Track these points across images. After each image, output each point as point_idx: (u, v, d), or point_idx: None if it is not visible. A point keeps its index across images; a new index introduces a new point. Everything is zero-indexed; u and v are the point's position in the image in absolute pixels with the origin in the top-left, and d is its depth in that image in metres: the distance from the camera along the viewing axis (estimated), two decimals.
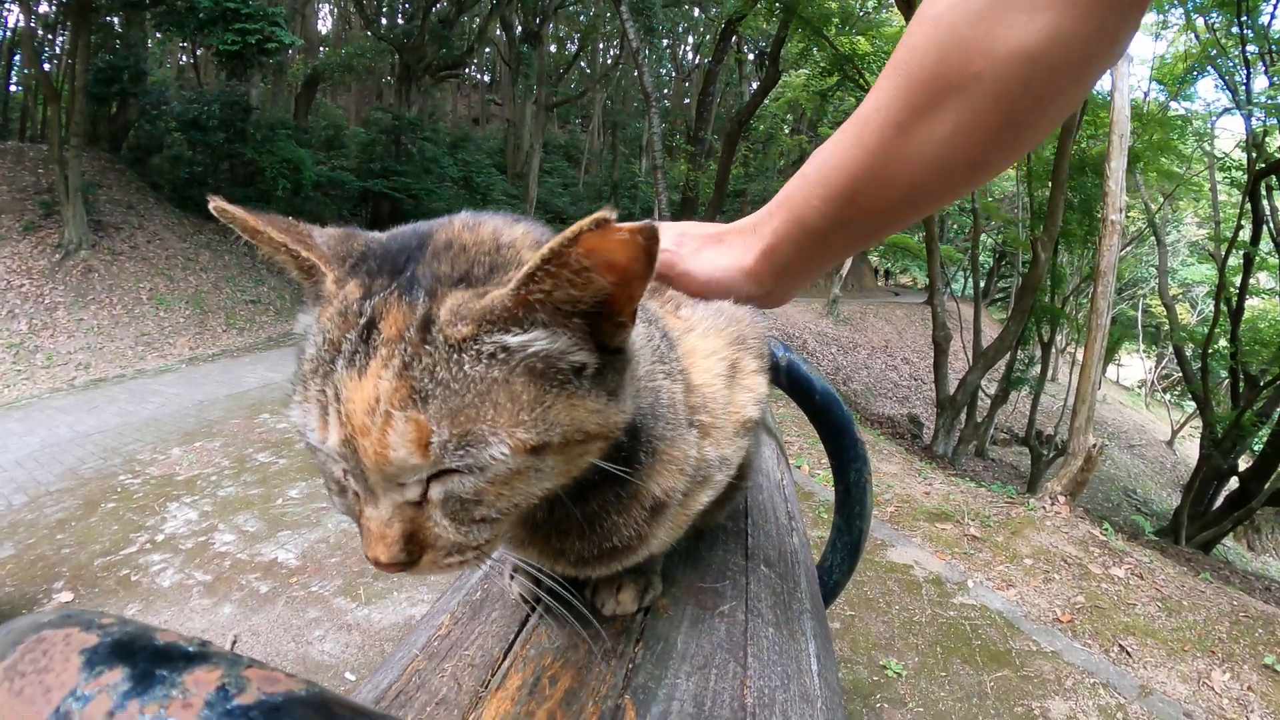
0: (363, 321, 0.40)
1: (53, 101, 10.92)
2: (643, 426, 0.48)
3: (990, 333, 13.75)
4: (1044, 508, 5.93)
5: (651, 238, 0.37)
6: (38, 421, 7.18)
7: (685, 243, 0.71)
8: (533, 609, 0.59)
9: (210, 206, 0.43)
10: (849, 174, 0.60)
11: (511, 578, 0.61)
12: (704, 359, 0.57)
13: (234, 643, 3.74)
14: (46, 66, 13.37)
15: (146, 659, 0.22)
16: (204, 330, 10.92)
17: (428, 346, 0.39)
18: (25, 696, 0.23)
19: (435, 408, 0.38)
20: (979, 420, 12.65)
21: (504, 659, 0.52)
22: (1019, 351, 12.98)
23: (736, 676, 0.54)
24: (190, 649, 0.23)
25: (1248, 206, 10.79)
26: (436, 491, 0.41)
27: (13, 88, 16.08)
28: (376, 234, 0.49)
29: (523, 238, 0.45)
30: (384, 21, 19.91)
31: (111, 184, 12.09)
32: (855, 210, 0.61)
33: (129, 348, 9.81)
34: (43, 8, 13.78)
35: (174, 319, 10.73)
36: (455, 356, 0.39)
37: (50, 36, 14.92)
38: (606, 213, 0.35)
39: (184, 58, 21.02)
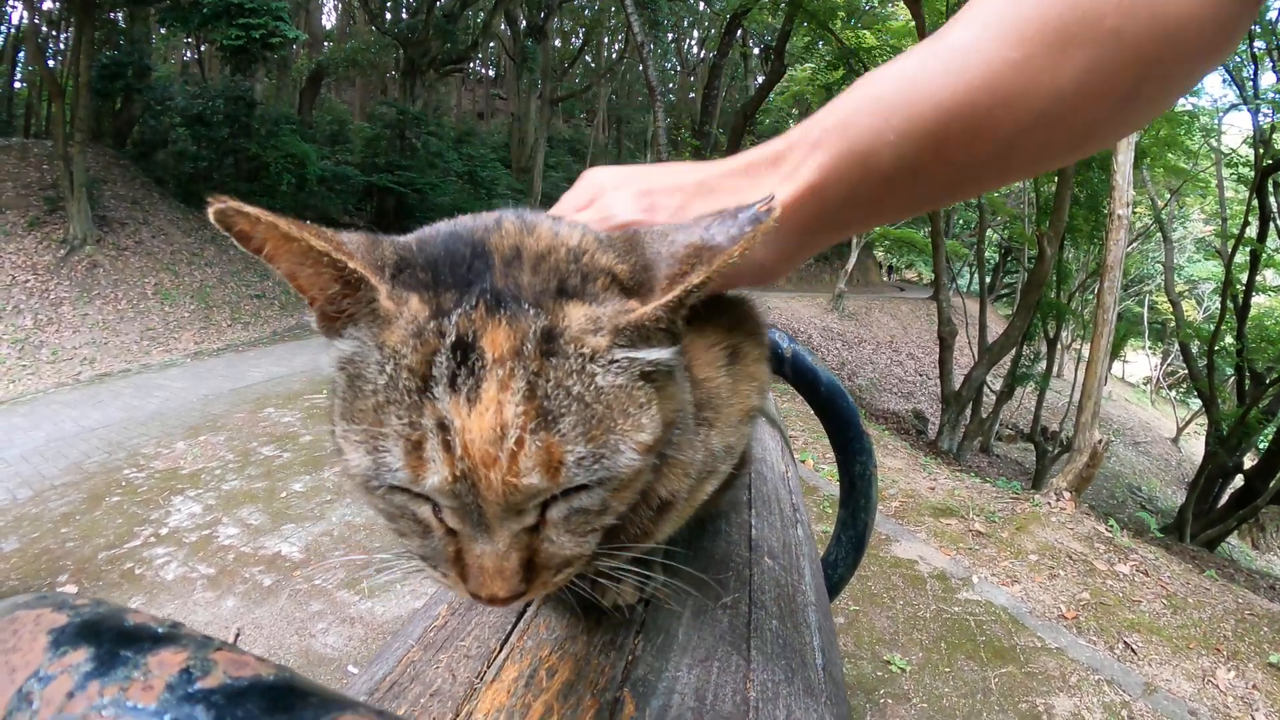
0: (449, 341, 0.37)
1: (57, 98, 10.95)
2: None
3: (995, 328, 13.71)
4: (1049, 504, 5.91)
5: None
6: (43, 416, 7.20)
7: (659, 204, 0.54)
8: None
9: (210, 212, 0.36)
10: (942, 106, 0.47)
11: None
12: (704, 351, 0.55)
13: (237, 635, 3.74)
14: (51, 63, 13.42)
15: (112, 640, 0.21)
16: (209, 325, 10.94)
17: (554, 360, 0.37)
18: None
19: (567, 424, 0.36)
20: (984, 416, 12.63)
21: (500, 650, 0.51)
22: (1024, 347, 12.95)
23: (739, 669, 0.53)
24: (160, 630, 0.22)
25: (1255, 203, 10.74)
26: (558, 511, 0.39)
27: (17, 84, 16.13)
28: (400, 239, 0.45)
29: (583, 240, 0.44)
30: (388, 16, 19.88)
31: (116, 180, 12.12)
32: (937, 156, 0.49)
33: (134, 342, 9.84)
34: (46, 4, 13.82)
35: (179, 314, 10.75)
36: (586, 369, 0.37)
37: (54, 33, 14.96)
38: (772, 212, 0.39)
39: (188, 53, 21.07)
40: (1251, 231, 11.06)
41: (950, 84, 0.47)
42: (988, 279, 15.90)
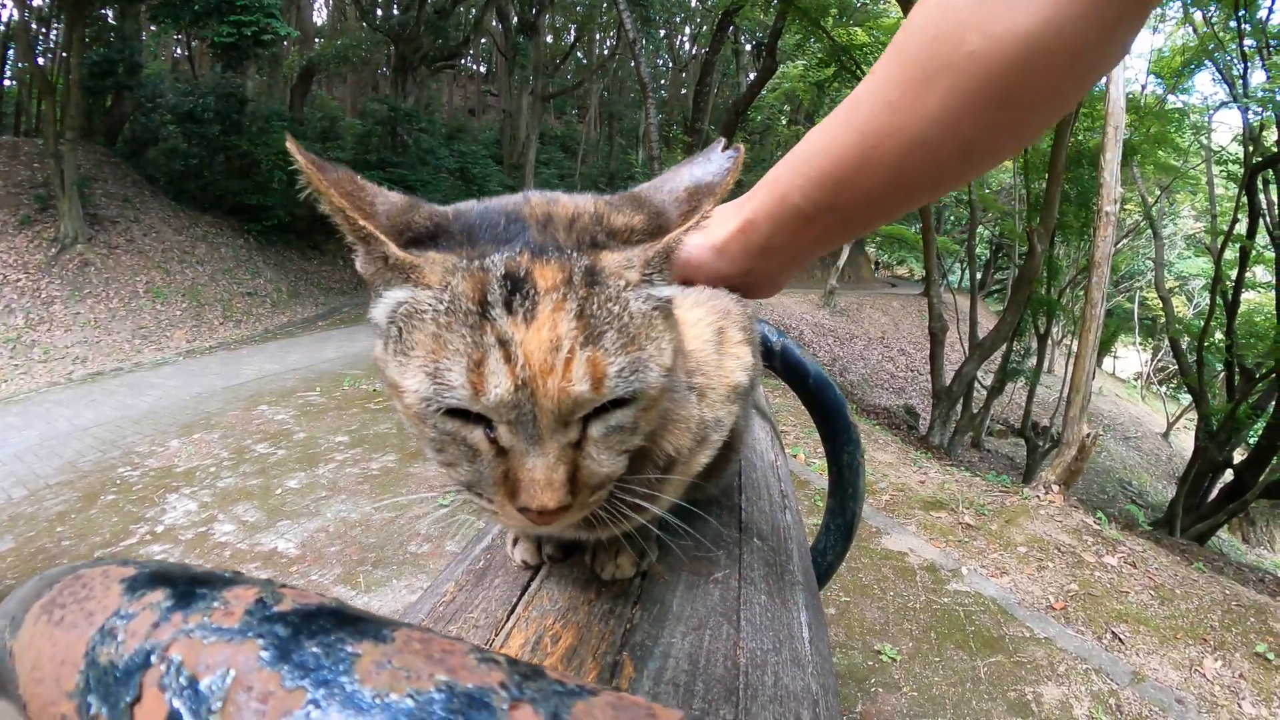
0: (498, 275, 0.43)
1: (47, 95, 10.89)
2: None
3: (986, 324, 13.78)
4: (1038, 497, 5.97)
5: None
6: (36, 415, 7.18)
7: None
8: (535, 574, 0.61)
9: (288, 144, 0.45)
10: (836, 154, 0.58)
11: (514, 544, 0.63)
12: (691, 326, 0.61)
13: None
14: (41, 60, 13.29)
15: (186, 582, 0.24)
16: (201, 323, 10.91)
17: (598, 289, 0.44)
18: (66, 623, 0.25)
19: (610, 341, 0.43)
20: (975, 411, 12.69)
21: (507, 620, 0.55)
22: (1015, 343, 13.03)
23: (730, 638, 0.56)
24: (226, 575, 0.26)
25: (1244, 200, 10.82)
26: (598, 429, 0.45)
27: (7, 82, 15.97)
28: (439, 208, 0.50)
29: (598, 207, 0.50)
30: (379, 12, 19.78)
31: (107, 177, 12.06)
32: (841, 193, 0.60)
33: (126, 341, 9.81)
34: (36, 1, 13.68)
35: (171, 312, 10.72)
36: (621, 298, 0.45)
37: (44, 30, 14.82)
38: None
39: (179, 50, 20.92)
40: (1241, 228, 11.15)
41: (841, 135, 0.58)
42: (979, 275, 15.94)
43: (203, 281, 11.57)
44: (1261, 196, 10.92)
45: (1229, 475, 11.79)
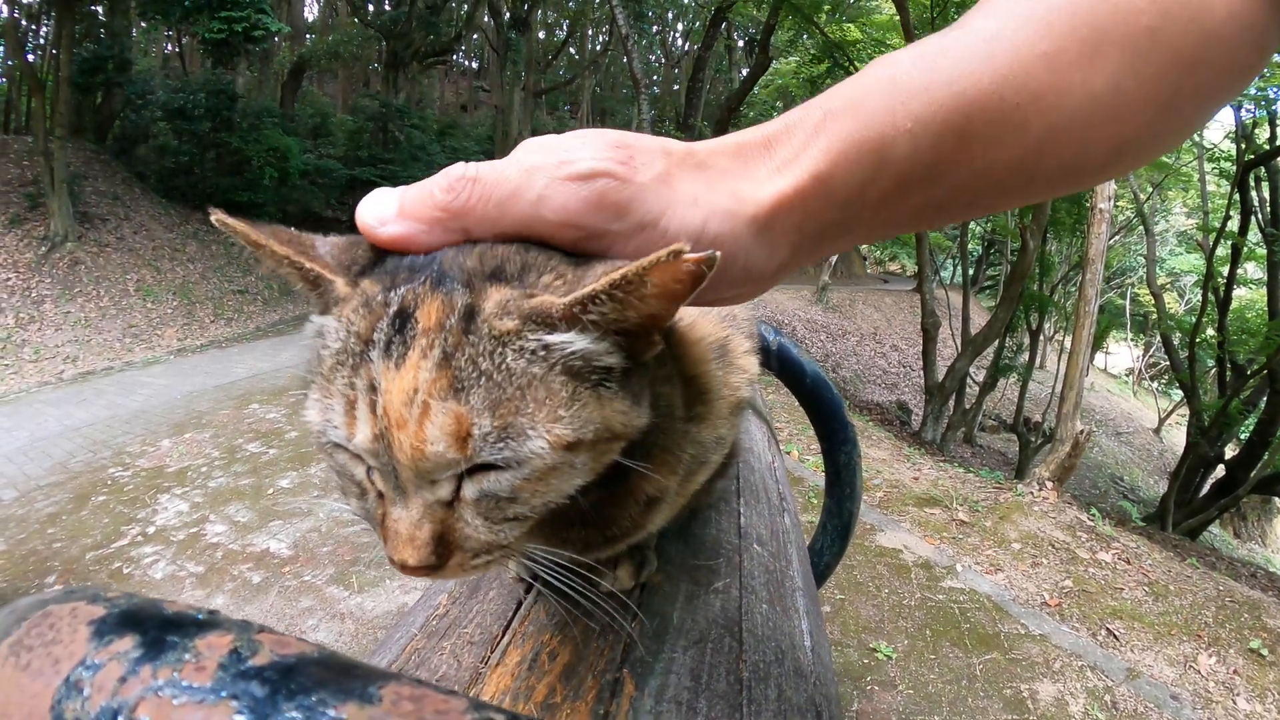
0: (392, 311, 0.39)
1: (37, 93, 10.78)
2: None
3: (978, 320, 13.82)
4: (1032, 493, 5.99)
5: (712, 266, 0.36)
6: (26, 415, 7.12)
7: (639, 161, 0.41)
8: (530, 587, 0.60)
9: (213, 219, 0.41)
10: (966, 94, 0.40)
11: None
12: (693, 346, 0.56)
13: None
14: (30, 57, 13.15)
15: (156, 627, 0.22)
16: (191, 321, 10.83)
17: (471, 338, 0.38)
18: (33, 669, 0.23)
19: (477, 399, 0.38)
20: (967, 407, 12.73)
21: (503, 635, 0.53)
22: (1007, 339, 13.07)
23: (732, 651, 0.55)
24: (199, 616, 0.23)
25: (1236, 197, 10.88)
26: (471, 490, 0.40)
27: None
28: None
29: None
30: (371, 8, 19.70)
31: (97, 175, 11.95)
32: (958, 153, 0.41)
33: (116, 340, 9.73)
34: None
35: (161, 310, 10.64)
36: (499, 350, 0.38)
37: (34, 27, 14.68)
38: (682, 244, 0.35)
39: (169, 46, 20.78)
40: (1233, 225, 11.21)
41: (975, 70, 0.40)
42: (971, 271, 15.99)
43: (194, 279, 11.49)
44: (1253, 193, 10.98)
45: (1220, 471, 11.86)
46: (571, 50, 29.82)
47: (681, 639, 0.54)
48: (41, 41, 14.64)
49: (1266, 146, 10.40)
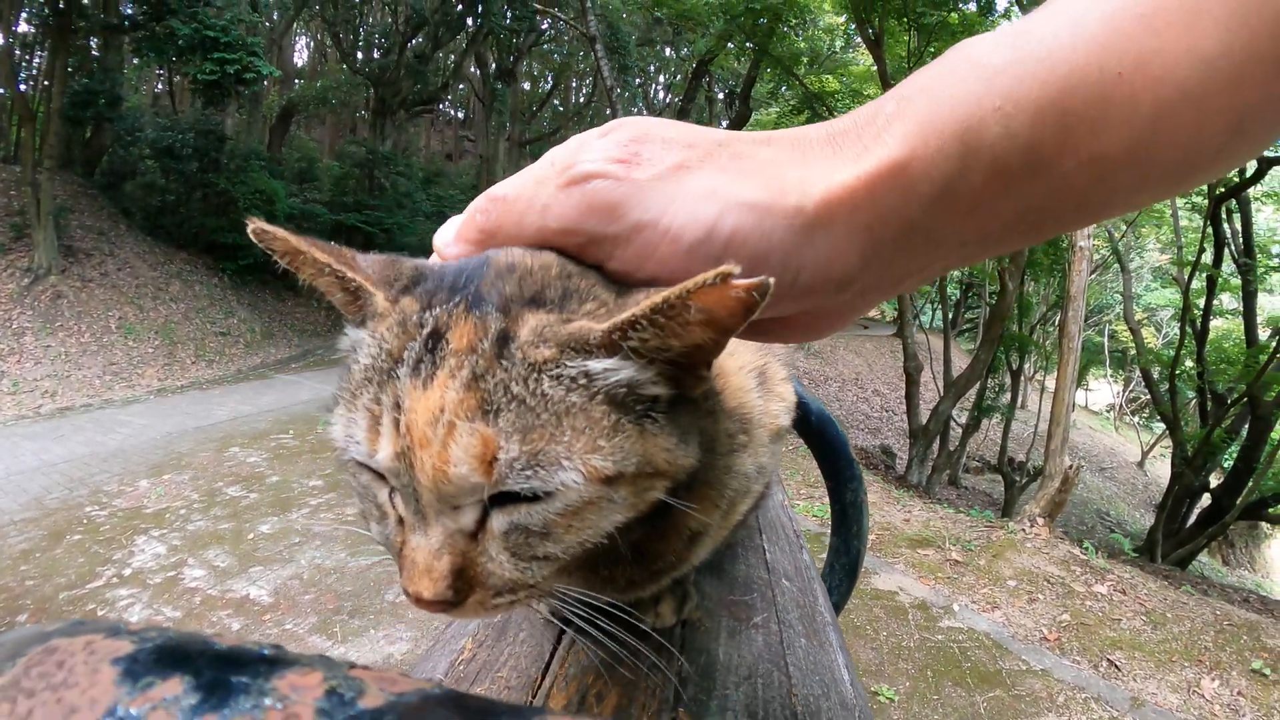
0: (425, 332, 0.38)
1: (27, 123, 10.78)
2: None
3: (959, 363, 13.95)
4: (1024, 530, 5.97)
5: (765, 295, 0.33)
6: (2, 449, 6.94)
7: (645, 155, 0.38)
8: (564, 628, 0.56)
9: (249, 230, 0.42)
10: (1058, 70, 0.34)
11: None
12: (733, 376, 0.54)
13: None
14: (23, 87, 13.15)
15: (211, 665, 0.17)
16: (173, 361, 10.70)
17: (503, 361, 0.37)
18: None
19: (505, 422, 0.36)
20: (951, 449, 12.76)
21: (542, 678, 0.50)
22: (989, 380, 13.17)
23: (782, 686, 0.52)
24: (264, 651, 0.18)
25: (1209, 230, 11.13)
26: (499, 522, 0.38)
27: None
28: (423, 260, 0.47)
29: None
30: (360, 55, 19.99)
31: (83, 209, 11.90)
32: (1061, 138, 0.34)
33: (96, 376, 9.57)
34: (21, 27, 13.58)
35: (143, 349, 10.50)
36: (534, 375, 0.37)
37: (28, 57, 14.73)
38: (731, 266, 0.32)
39: (160, 84, 20.91)
40: (1207, 258, 11.46)
41: (1067, 42, 0.34)
42: (950, 314, 16.19)
43: (176, 319, 11.37)
44: (1225, 225, 11.24)
45: (1206, 500, 11.94)
46: (556, 102, 30.36)
47: (731, 675, 0.51)
48: (34, 72, 14.68)
49: (1236, 179, 10.66)
